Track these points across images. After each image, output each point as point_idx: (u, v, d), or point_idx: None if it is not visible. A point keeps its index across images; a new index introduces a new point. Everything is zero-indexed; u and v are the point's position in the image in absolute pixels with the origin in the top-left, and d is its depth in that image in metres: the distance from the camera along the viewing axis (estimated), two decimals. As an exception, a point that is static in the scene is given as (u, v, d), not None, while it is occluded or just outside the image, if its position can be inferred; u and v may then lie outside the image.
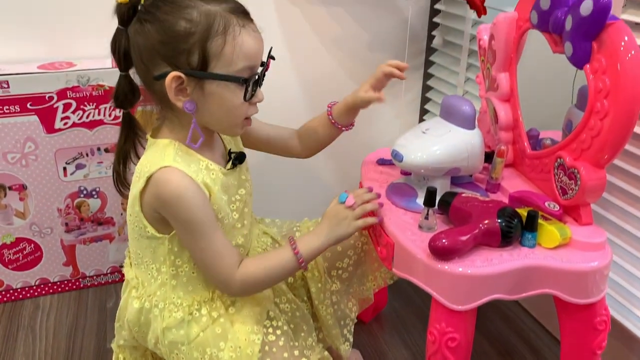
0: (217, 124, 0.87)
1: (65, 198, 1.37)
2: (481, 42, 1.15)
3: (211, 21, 0.79)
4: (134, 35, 0.82)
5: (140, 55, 0.82)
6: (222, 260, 0.86)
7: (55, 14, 1.33)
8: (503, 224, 0.85)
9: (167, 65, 0.80)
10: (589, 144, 0.85)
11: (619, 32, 0.79)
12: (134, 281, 0.94)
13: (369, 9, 1.54)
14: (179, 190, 0.81)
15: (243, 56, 0.81)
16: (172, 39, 0.79)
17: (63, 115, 1.29)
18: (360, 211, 0.94)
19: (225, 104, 0.83)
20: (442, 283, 0.84)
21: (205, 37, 0.79)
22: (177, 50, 0.79)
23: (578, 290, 0.86)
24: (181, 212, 0.82)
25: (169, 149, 0.84)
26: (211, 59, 0.80)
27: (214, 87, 0.81)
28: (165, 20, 0.79)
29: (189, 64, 0.79)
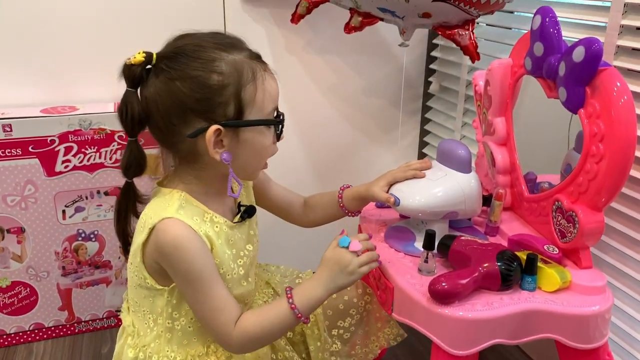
0: (243, 170, 0.86)
1: (63, 241, 1.37)
2: (477, 88, 1.17)
3: (240, 70, 0.80)
4: (154, 96, 0.80)
5: (167, 114, 0.80)
6: (221, 316, 0.83)
7: (59, 59, 1.36)
8: (503, 267, 0.85)
9: (202, 120, 0.79)
10: (586, 187, 0.86)
11: (612, 77, 0.81)
12: (130, 328, 0.92)
13: (365, 56, 1.58)
14: (178, 240, 0.79)
15: (270, 99, 0.83)
16: (208, 94, 0.78)
17: (64, 158, 1.30)
18: (367, 258, 0.88)
19: (258, 148, 0.85)
20: (443, 327, 0.83)
21: (239, 87, 0.79)
22: (213, 105, 0.79)
23: (580, 334, 0.85)
24: (180, 263, 0.80)
25: (173, 200, 0.83)
26: (246, 107, 0.81)
27: (248, 133, 0.82)
28: (197, 76, 0.78)
29: (225, 115, 0.80)
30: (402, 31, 1.29)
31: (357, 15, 1.29)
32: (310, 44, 1.53)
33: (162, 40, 0.85)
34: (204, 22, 1.42)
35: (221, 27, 1.45)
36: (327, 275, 0.87)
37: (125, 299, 0.97)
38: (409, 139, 1.74)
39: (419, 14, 1.19)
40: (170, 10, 1.40)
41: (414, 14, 1.19)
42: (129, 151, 0.84)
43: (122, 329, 0.95)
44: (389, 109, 1.67)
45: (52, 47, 1.34)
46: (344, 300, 1.04)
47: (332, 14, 1.37)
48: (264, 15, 1.47)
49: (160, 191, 0.87)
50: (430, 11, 1.17)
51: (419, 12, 1.18)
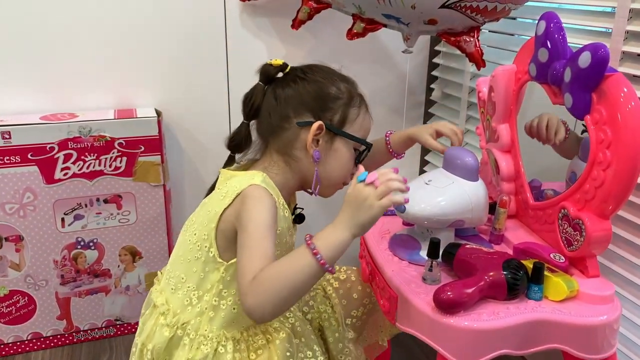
0: (325, 177, 0.95)
1: (62, 249, 1.35)
2: (480, 94, 1.16)
3: (353, 95, 0.96)
4: (282, 89, 0.94)
5: (286, 105, 0.93)
6: (252, 263, 0.77)
7: (59, 66, 1.35)
8: (509, 276, 0.83)
9: (311, 116, 0.92)
10: (593, 194, 0.85)
11: (618, 83, 0.80)
12: (164, 307, 0.92)
13: (368, 65, 1.57)
14: (261, 196, 0.86)
15: (364, 129, 0.97)
16: (325, 96, 0.93)
17: (63, 165, 1.29)
18: (384, 188, 0.78)
19: (343, 161, 0.95)
20: (448, 338, 0.82)
21: (348, 104, 0.95)
22: (325, 107, 0.93)
23: (588, 345, 0.83)
24: (253, 210, 0.83)
25: (257, 175, 0.90)
26: (348, 121, 0.95)
27: (341, 144, 0.94)
28: (321, 81, 0.94)
29: (331, 119, 0.93)
30: (406, 37, 1.28)
31: (360, 21, 1.28)
32: (311, 52, 1.52)
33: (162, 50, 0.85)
34: (205, 30, 1.43)
35: (222, 36, 1.44)
36: (347, 214, 0.79)
37: (158, 280, 1.00)
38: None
39: (424, 20, 1.18)
40: (170, 20, 1.39)
41: (419, 21, 1.19)
42: (238, 129, 0.97)
43: (152, 310, 0.94)
44: (392, 117, 1.66)
45: (52, 54, 1.34)
46: (357, 290, 1.10)
47: (334, 21, 1.36)
48: (264, 24, 1.46)
49: (243, 173, 0.93)
50: (437, 18, 1.16)
51: (425, 18, 1.17)
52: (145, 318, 0.95)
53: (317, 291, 1.09)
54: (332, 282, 1.11)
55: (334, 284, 1.10)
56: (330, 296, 1.08)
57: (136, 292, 1.45)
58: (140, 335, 0.94)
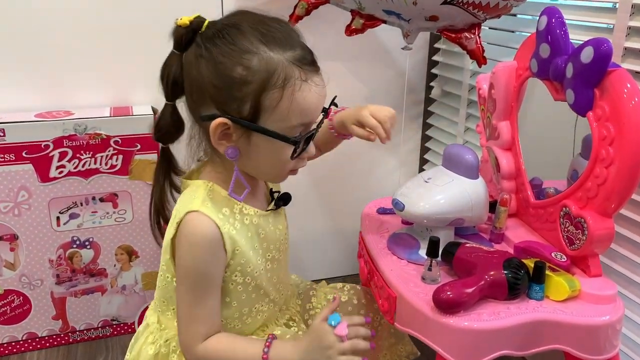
0: (259, 174, 0.84)
1: (58, 248, 1.34)
2: (481, 91, 1.14)
3: (271, 72, 0.73)
4: (187, 66, 0.77)
5: (190, 88, 0.78)
6: (197, 325, 0.81)
7: (54, 63, 1.33)
8: (510, 276, 0.82)
9: (215, 108, 0.75)
10: (595, 192, 0.83)
11: (621, 79, 0.78)
12: (154, 326, 0.90)
13: (367, 62, 1.56)
14: (195, 237, 0.77)
15: (299, 113, 0.75)
16: (226, 84, 0.73)
17: (58, 163, 1.28)
18: (350, 347, 0.78)
19: (272, 158, 0.79)
20: (447, 338, 0.80)
21: (262, 89, 0.73)
22: (228, 97, 0.74)
23: (590, 346, 0.82)
24: (187, 258, 0.79)
25: (200, 191, 0.80)
26: (264, 112, 0.74)
27: (262, 139, 0.76)
28: (221, 62, 0.73)
29: (239, 112, 0.74)
30: (405, 34, 1.27)
31: (359, 17, 1.27)
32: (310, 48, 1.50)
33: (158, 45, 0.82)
34: (203, 25, 1.41)
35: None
36: (306, 347, 0.80)
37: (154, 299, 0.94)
38: (410, 144, 1.71)
39: (425, 17, 1.16)
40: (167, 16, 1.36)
41: (420, 17, 1.17)
42: (161, 114, 0.82)
43: (144, 328, 0.92)
44: (391, 115, 1.65)
45: (47, 51, 1.32)
46: (360, 314, 1.01)
47: (332, 17, 1.35)
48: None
49: (188, 184, 0.84)
50: (438, 14, 1.15)
51: (426, 15, 1.16)
52: (138, 335, 0.93)
53: (317, 310, 1.03)
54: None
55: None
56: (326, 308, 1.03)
57: (133, 292, 1.43)
58: (130, 352, 0.93)
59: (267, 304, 0.89)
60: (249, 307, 0.87)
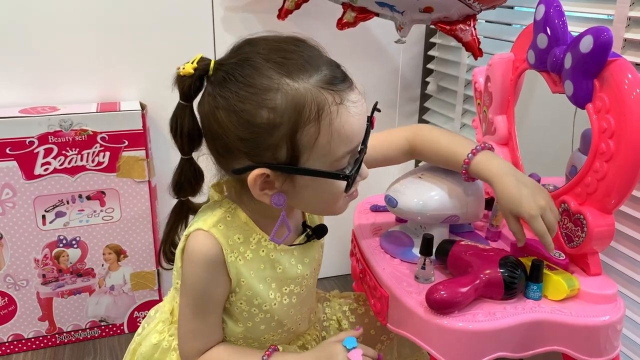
0: (312, 211, 0.79)
1: (43, 248, 1.31)
2: (477, 85, 1.11)
3: (300, 107, 0.64)
4: (204, 119, 0.70)
5: (214, 143, 0.70)
6: (194, 340, 0.79)
7: (39, 58, 1.30)
8: (506, 274, 0.79)
9: (247, 159, 0.67)
10: (595, 187, 0.80)
11: (622, 69, 0.75)
12: (165, 316, 0.86)
13: (361, 58, 1.53)
14: (197, 256, 0.74)
15: (343, 142, 0.66)
16: (254, 134, 0.65)
17: (44, 160, 1.25)
18: None
19: (324, 196, 0.72)
20: (441, 339, 0.77)
21: (295, 129, 0.64)
22: (260, 146, 0.66)
23: (590, 347, 0.78)
24: (188, 274, 0.76)
25: (219, 211, 0.75)
26: (303, 151, 0.66)
27: (308, 180, 0.69)
28: (242, 110, 0.64)
29: (276, 158, 0.66)
30: (399, 27, 1.24)
31: (351, 10, 1.24)
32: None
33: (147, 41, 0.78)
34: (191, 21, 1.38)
35: (210, 27, 1.39)
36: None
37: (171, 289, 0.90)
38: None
39: (420, 8, 1.14)
40: (156, 11, 1.34)
41: (414, 9, 1.14)
42: (179, 170, 0.75)
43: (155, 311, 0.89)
44: (385, 111, 1.60)
45: (32, 45, 1.29)
46: (376, 326, 0.98)
47: (324, 11, 1.31)
48: (251, 17, 1.41)
49: (213, 198, 0.78)
50: (432, 5, 1.12)
51: (420, 6, 1.13)
52: (150, 319, 0.90)
53: (331, 322, 0.99)
54: (348, 315, 0.99)
55: (350, 317, 0.99)
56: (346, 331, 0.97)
57: (121, 292, 1.40)
58: (139, 334, 0.89)
59: (280, 334, 0.85)
60: (257, 336, 0.83)
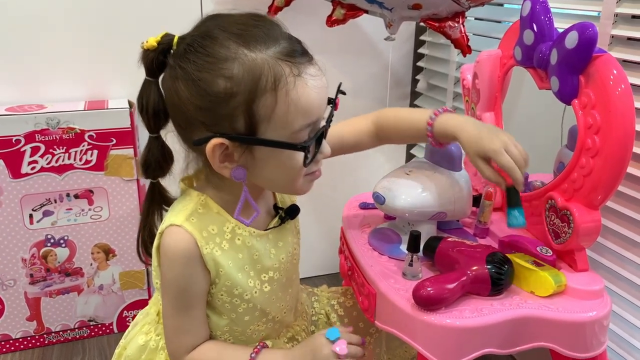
0: (272, 186, 0.78)
1: (31, 247, 1.29)
2: (465, 82, 1.11)
3: (257, 76, 0.65)
4: (167, 92, 0.71)
5: (175, 115, 0.71)
6: (180, 337, 0.78)
7: (26, 55, 1.29)
8: (493, 271, 0.79)
9: (206, 130, 0.68)
10: (581, 183, 0.80)
11: (607, 64, 0.75)
12: (152, 317, 0.86)
13: (351, 55, 1.52)
14: (173, 252, 0.73)
15: (301, 114, 0.67)
16: (210, 103, 0.66)
17: (30, 159, 1.23)
18: None
19: (283, 170, 0.71)
20: (428, 336, 0.77)
21: (251, 98, 0.65)
22: (217, 116, 0.66)
23: (576, 343, 0.78)
24: (166, 271, 0.75)
25: (190, 204, 0.75)
26: (260, 122, 0.66)
27: (267, 152, 0.69)
28: (200, 79, 0.65)
29: (234, 129, 0.67)
30: (388, 24, 1.24)
31: (341, 7, 1.23)
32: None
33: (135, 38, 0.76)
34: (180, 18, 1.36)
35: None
36: (299, 356, 0.78)
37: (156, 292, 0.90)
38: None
39: (408, 5, 1.13)
40: (145, 7, 1.33)
41: (403, 6, 1.14)
42: (147, 149, 0.75)
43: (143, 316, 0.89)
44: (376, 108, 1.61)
45: (19, 44, 1.27)
46: (364, 319, 0.97)
47: (313, 8, 1.31)
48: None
49: (184, 192, 0.78)
50: (421, 2, 1.12)
51: (409, 3, 1.13)
52: (136, 321, 0.90)
53: (320, 317, 1.00)
54: (337, 308, 1.01)
55: (339, 310, 1.00)
56: (334, 324, 0.98)
57: (110, 292, 1.39)
58: (125, 338, 0.89)
59: (265, 324, 0.84)
60: (242, 328, 0.82)
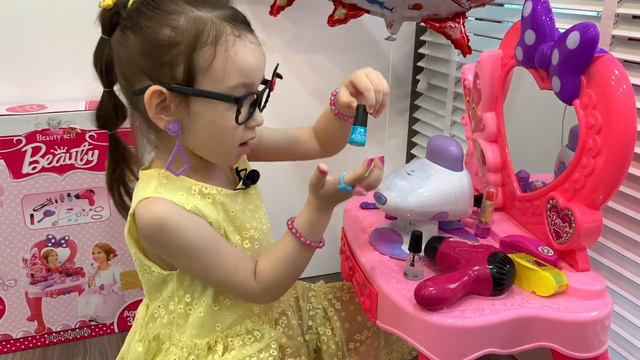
0: (206, 149, 0.78)
1: (32, 247, 1.29)
2: (466, 82, 1.11)
3: (200, 29, 0.69)
4: (116, 46, 0.74)
5: (121, 68, 0.74)
6: (237, 276, 0.79)
7: (27, 56, 1.29)
8: (494, 271, 0.79)
9: (148, 79, 0.71)
10: (583, 183, 0.80)
11: (609, 65, 0.75)
12: (140, 322, 0.87)
13: (351, 54, 1.52)
14: (159, 219, 0.72)
15: (237, 71, 0.71)
16: (154, 49, 0.70)
17: (31, 159, 1.23)
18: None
19: (214, 127, 0.73)
20: (430, 336, 0.77)
21: (192, 48, 0.69)
22: (159, 62, 0.70)
23: (578, 343, 0.79)
24: (171, 242, 0.74)
25: (152, 180, 0.77)
26: (198, 73, 0.70)
27: (202, 105, 0.71)
28: (147, 27, 0.69)
29: (173, 78, 0.70)
30: (389, 24, 1.24)
31: (342, 7, 1.23)
32: (292, 42, 1.46)
33: None
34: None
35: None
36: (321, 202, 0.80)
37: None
38: (396, 139, 1.68)
39: (409, 5, 1.13)
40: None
41: (404, 5, 1.14)
42: (100, 101, 0.79)
43: (135, 322, 0.90)
44: (376, 108, 1.61)
45: (20, 44, 1.27)
46: (362, 312, 0.98)
47: (315, 8, 1.31)
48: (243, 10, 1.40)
49: (142, 175, 0.80)
50: (421, 2, 1.12)
51: (409, 3, 1.13)
52: (132, 329, 0.90)
53: (318, 311, 1.00)
54: (334, 302, 1.02)
55: (336, 305, 1.01)
56: (332, 318, 0.99)
57: (111, 292, 1.39)
58: (121, 351, 0.90)
59: None
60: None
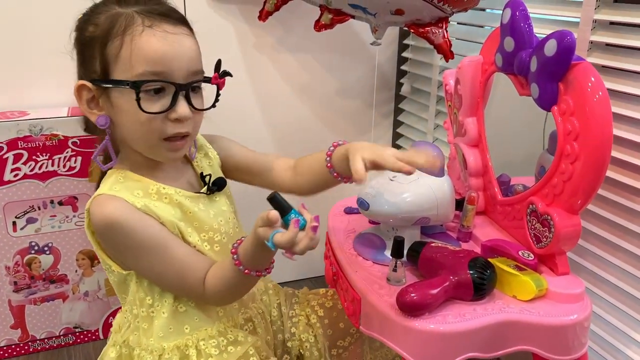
0: (133, 142, 0.78)
1: (15, 255, 1.28)
2: (447, 87, 1.12)
3: (113, 23, 0.73)
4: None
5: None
6: (187, 279, 0.78)
7: (8, 62, 1.27)
8: (475, 276, 0.80)
9: (80, 76, 0.77)
10: (561, 188, 0.81)
11: (585, 72, 0.76)
12: (115, 326, 0.88)
13: (338, 56, 1.53)
14: (108, 216, 0.73)
15: (143, 59, 0.72)
16: (81, 46, 0.76)
17: (13, 166, 1.23)
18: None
19: (131, 117, 0.74)
20: (412, 341, 0.77)
21: (105, 41, 0.73)
22: (84, 58, 0.76)
23: (558, 345, 0.80)
24: (120, 239, 0.75)
25: (109, 179, 0.79)
26: (110, 64, 0.73)
27: (118, 97, 0.74)
28: (78, 28, 0.77)
29: (94, 71, 0.74)
30: (374, 29, 1.24)
31: (328, 12, 1.24)
32: (280, 42, 1.47)
33: None
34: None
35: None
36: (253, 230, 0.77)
37: None
38: (381, 142, 1.68)
39: (391, 10, 1.14)
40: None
41: (386, 11, 1.15)
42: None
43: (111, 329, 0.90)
44: (363, 111, 1.62)
45: (0, 50, 1.26)
46: (344, 319, 0.99)
47: (303, 11, 1.31)
48: (232, 11, 1.40)
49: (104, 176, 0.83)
50: (403, 8, 1.12)
51: (391, 8, 1.13)
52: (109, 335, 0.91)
53: (300, 318, 1.01)
54: (317, 309, 1.01)
55: (319, 312, 1.01)
56: (314, 325, 0.99)
57: (96, 298, 1.38)
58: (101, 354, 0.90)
59: None
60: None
